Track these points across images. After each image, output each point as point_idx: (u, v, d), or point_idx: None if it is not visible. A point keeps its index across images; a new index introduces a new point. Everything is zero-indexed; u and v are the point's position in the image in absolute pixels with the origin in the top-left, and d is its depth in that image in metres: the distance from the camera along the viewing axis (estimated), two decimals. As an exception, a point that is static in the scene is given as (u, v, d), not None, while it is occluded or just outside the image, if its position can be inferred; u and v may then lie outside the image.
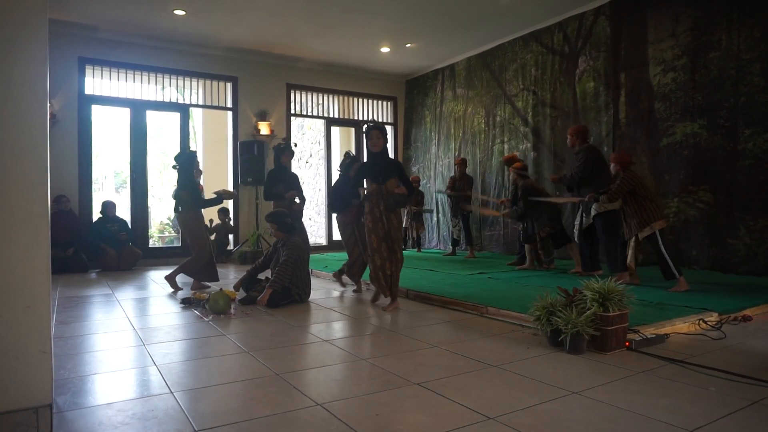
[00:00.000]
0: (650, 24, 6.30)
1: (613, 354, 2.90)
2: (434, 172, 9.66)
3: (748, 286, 4.72)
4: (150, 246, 8.68)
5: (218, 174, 9.55)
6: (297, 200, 5.58)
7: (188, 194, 5.39)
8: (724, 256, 5.56)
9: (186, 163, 5.49)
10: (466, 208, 7.80)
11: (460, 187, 7.83)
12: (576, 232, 5.45)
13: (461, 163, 7.93)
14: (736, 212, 5.48)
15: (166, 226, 11.96)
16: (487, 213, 7.97)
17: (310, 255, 5.29)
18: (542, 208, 5.95)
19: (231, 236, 8.75)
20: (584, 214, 5.29)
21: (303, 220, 5.71)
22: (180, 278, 5.60)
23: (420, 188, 9.11)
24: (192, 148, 5.66)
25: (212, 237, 8.29)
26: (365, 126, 4.50)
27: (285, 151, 5.64)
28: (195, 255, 5.44)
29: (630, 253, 4.78)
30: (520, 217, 6.18)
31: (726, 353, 2.92)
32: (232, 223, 8.77)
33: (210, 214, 8.81)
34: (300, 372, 2.66)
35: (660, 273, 4.60)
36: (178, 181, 5.46)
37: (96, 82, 7.78)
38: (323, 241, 9.99)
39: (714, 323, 3.52)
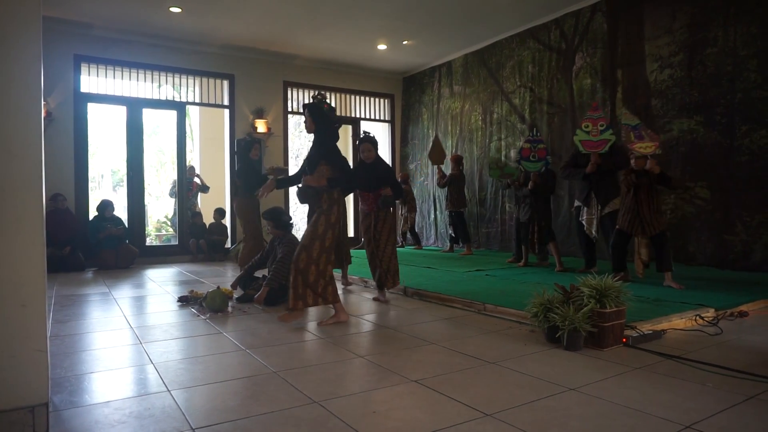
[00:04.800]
0: (647, 20, 6.30)
1: (610, 350, 2.91)
2: (431, 170, 9.64)
3: (744, 282, 4.73)
4: (147, 244, 8.65)
5: (215, 171, 9.54)
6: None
7: (241, 180, 5.55)
8: (721, 251, 5.57)
9: (241, 150, 5.62)
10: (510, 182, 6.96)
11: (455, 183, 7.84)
12: (590, 226, 5.29)
13: (456, 160, 7.91)
14: (733, 208, 5.49)
15: (163, 225, 11.93)
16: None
17: None
18: (545, 201, 5.94)
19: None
20: (599, 205, 5.16)
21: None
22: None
23: (410, 188, 9.09)
24: (251, 137, 5.82)
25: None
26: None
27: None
28: (246, 244, 5.52)
29: (644, 251, 4.68)
30: (544, 190, 5.90)
31: (722, 349, 2.93)
32: (228, 222, 8.75)
33: (207, 214, 8.81)
34: (297, 369, 2.65)
35: (656, 265, 4.60)
36: (237, 167, 5.64)
37: (92, 80, 7.74)
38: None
39: (710, 319, 3.53)
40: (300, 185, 3.73)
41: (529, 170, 5.90)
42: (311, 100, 3.76)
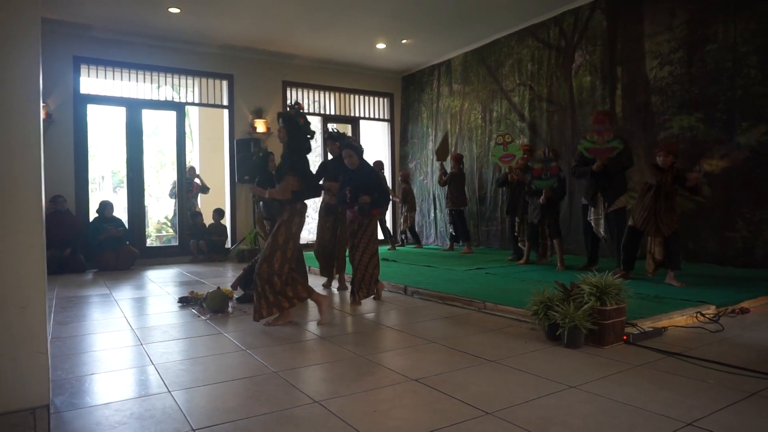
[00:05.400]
0: (646, 17, 6.29)
1: (610, 348, 2.91)
2: (431, 169, 9.64)
3: (745, 279, 4.73)
4: (147, 245, 8.65)
5: (214, 172, 9.54)
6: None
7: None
8: (722, 248, 5.56)
9: (257, 165, 5.81)
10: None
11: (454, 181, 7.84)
12: (597, 226, 5.24)
13: (456, 159, 7.91)
14: (734, 205, 5.48)
15: (164, 226, 11.93)
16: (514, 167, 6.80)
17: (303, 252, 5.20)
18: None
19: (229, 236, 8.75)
20: (606, 203, 5.11)
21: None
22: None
23: (411, 187, 9.08)
24: (267, 150, 5.93)
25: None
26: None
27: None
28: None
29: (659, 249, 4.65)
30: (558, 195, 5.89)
31: (724, 346, 2.93)
32: (228, 222, 8.75)
33: (206, 215, 8.80)
34: (297, 369, 2.66)
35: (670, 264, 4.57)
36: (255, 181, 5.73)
37: (91, 81, 7.74)
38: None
39: (711, 316, 3.53)
40: (265, 197, 3.70)
41: (541, 188, 5.84)
42: (288, 110, 3.69)
